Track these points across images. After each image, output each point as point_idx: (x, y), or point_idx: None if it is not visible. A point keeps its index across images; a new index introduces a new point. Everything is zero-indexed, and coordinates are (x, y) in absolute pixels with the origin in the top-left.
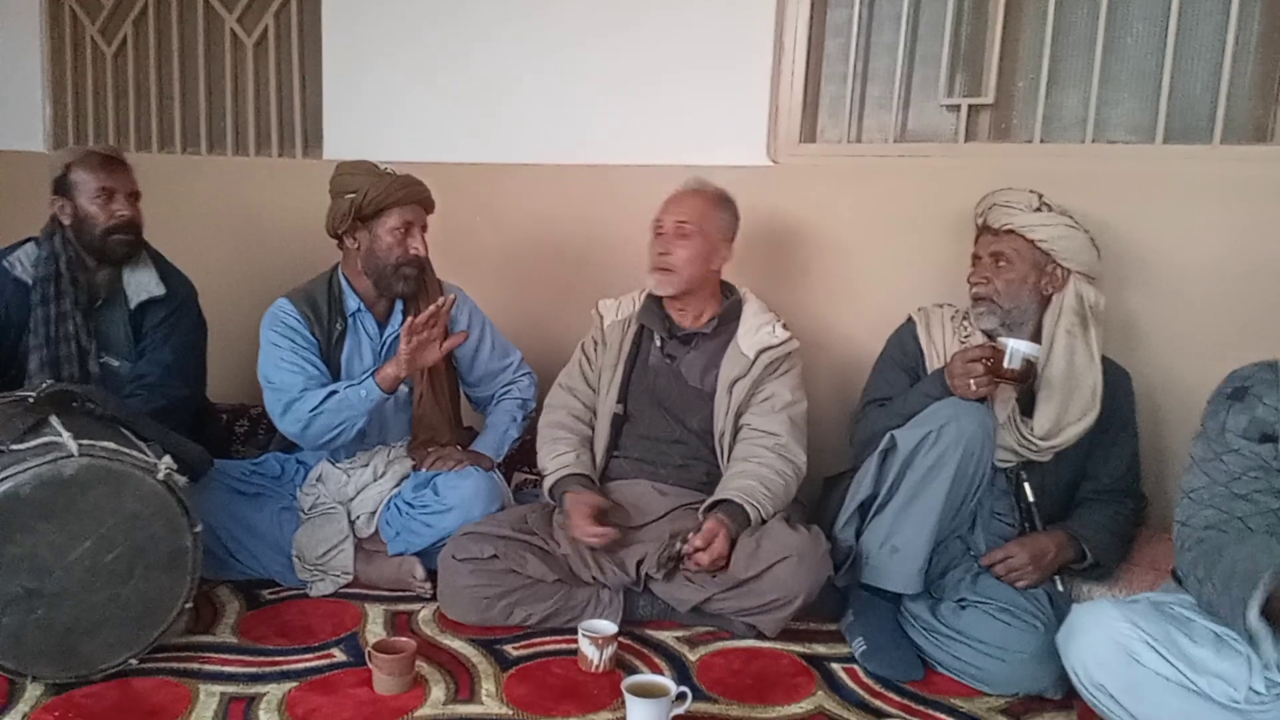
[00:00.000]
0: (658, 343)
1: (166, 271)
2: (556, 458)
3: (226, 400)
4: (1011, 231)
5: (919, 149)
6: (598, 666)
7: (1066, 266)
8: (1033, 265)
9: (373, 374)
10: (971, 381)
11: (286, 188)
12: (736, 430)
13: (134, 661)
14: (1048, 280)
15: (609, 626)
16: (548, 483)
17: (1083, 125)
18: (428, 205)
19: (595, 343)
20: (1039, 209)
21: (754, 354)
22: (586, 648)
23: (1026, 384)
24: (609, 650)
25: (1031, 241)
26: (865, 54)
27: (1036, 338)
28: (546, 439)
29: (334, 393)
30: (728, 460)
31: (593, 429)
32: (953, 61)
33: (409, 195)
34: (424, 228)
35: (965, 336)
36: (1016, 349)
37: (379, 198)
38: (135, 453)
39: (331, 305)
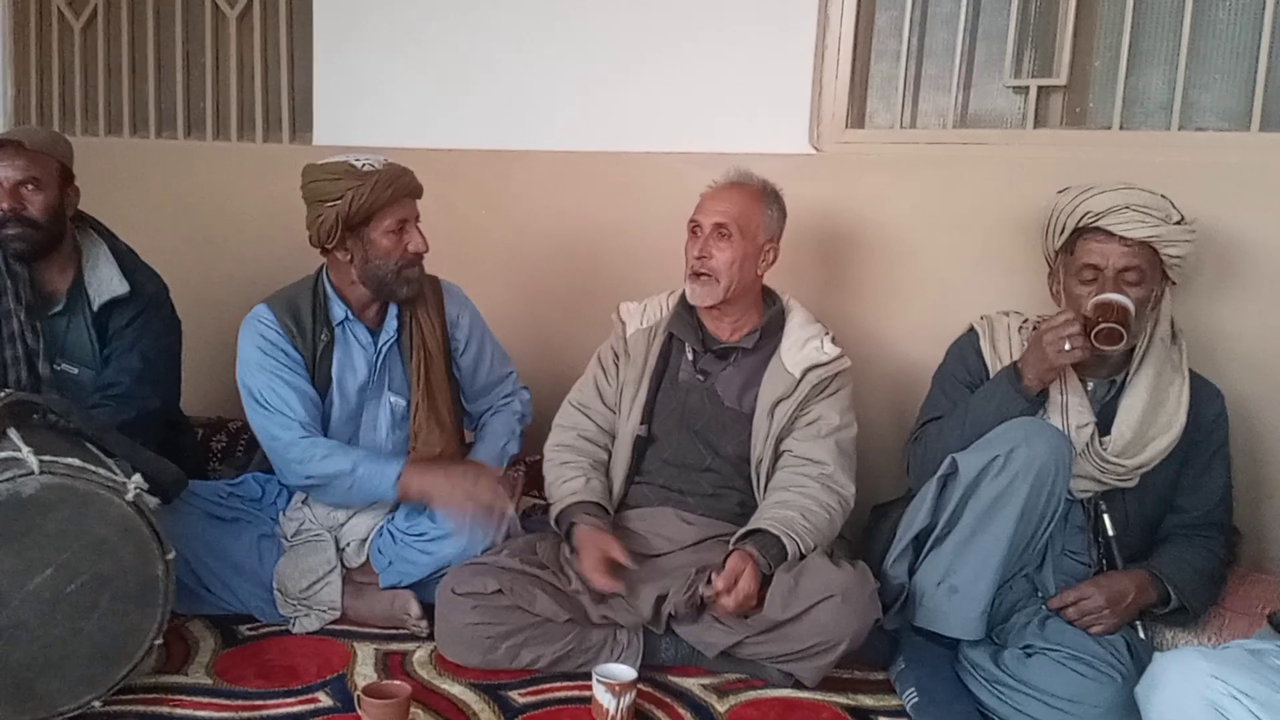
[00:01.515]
0: (689, 356)
1: (132, 268)
2: (564, 484)
3: (202, 413)
4: (1146, 244)
5: (981, 136)
6: (614, 716)
7: (1174, 279)
8: (1157, 280)
9: (398, 477)
10: (1066, 342)
11: (271, 177)
12: (777, 457)
13: (97, 704)
14: (1158, 295)
15: (627, 672)
16: (554, 511)
17: (1168, 110)
18: (418, 194)
19: (616, 354)
20: (1179, 220)
21: (800, 372)
22: (602, 695)
23: (1124, 345)
24: (627, 698)
25: (1158, 253)
26: (921, 28)
27: (1128, 355)
28: (553, 463)
29: (350, 470)
30: (764, 490)
31: (608, 452)
32: (1020, 37)
33: (398, 191)
34: (418, 219)
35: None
36: (1109, 296)
37: (367, 203)
38: (102, 471)
39: (316, 314)
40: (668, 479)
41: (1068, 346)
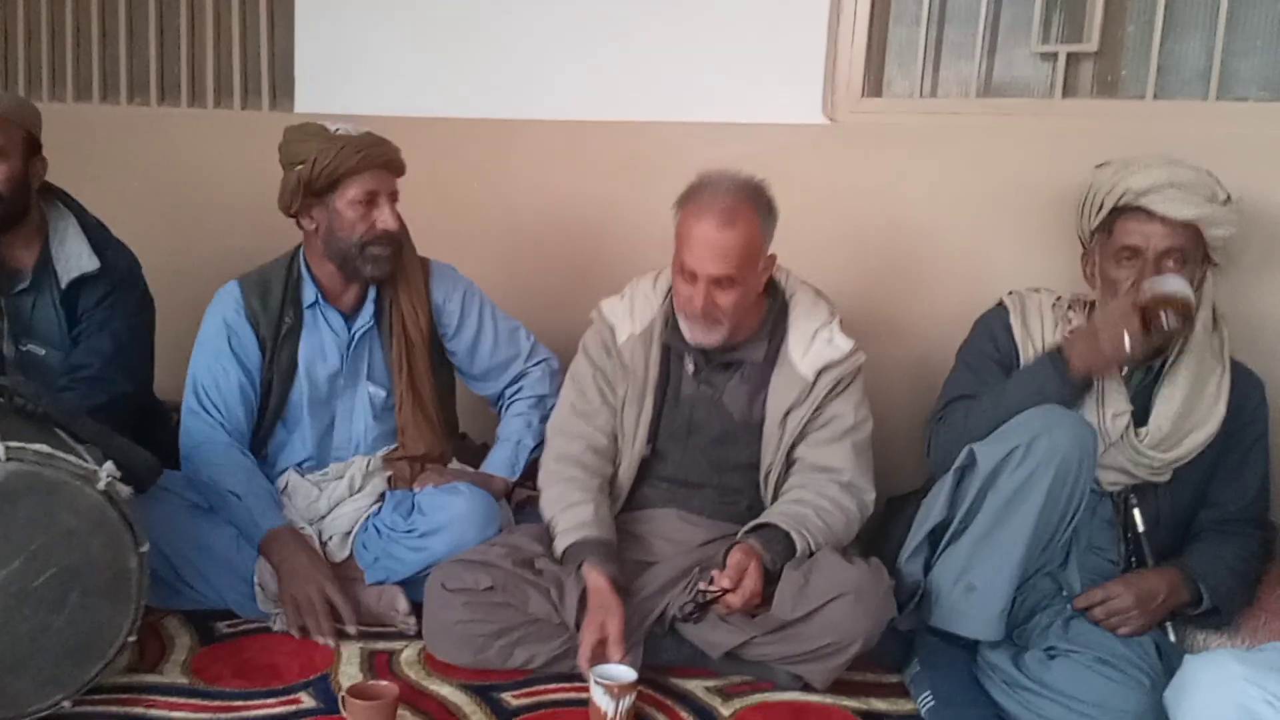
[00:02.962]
0: (690, 368)
1: (102, 243)
2: (570, 509)
3: (177, 398)
4: (1189, 224)
5: (1007, 106)
6: (613, 719)
7: (1216, 261)
8: (1198, 263)
9: (268, 530)
10: (1126, 338)
11: (250, 146)
12: (790, 463)
13: (67, 704)
14: (1200, 278)
15: (627, 673)
16: (560, 544)
17: (1206, 79)
18: (395, 169)
19: (608, 350)
20: (1226, 200)
21: (813, 374)
22: (600, 697)
23: (1182, 334)
24: (626, 701)
25: (1201, 234)
26: None
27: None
28: (556, 477)
29: (235, 494)
30: (774, 496)
31: (614, 464)
32: (1049, 0)
33: (368, 159)
34: (393, 196)
35: (1071, 330)
36: (1170, 289)
37: (331, 166)
38: (72, 458)
39: (286, 295)
40: (672, 489)
41: (1128, 344)
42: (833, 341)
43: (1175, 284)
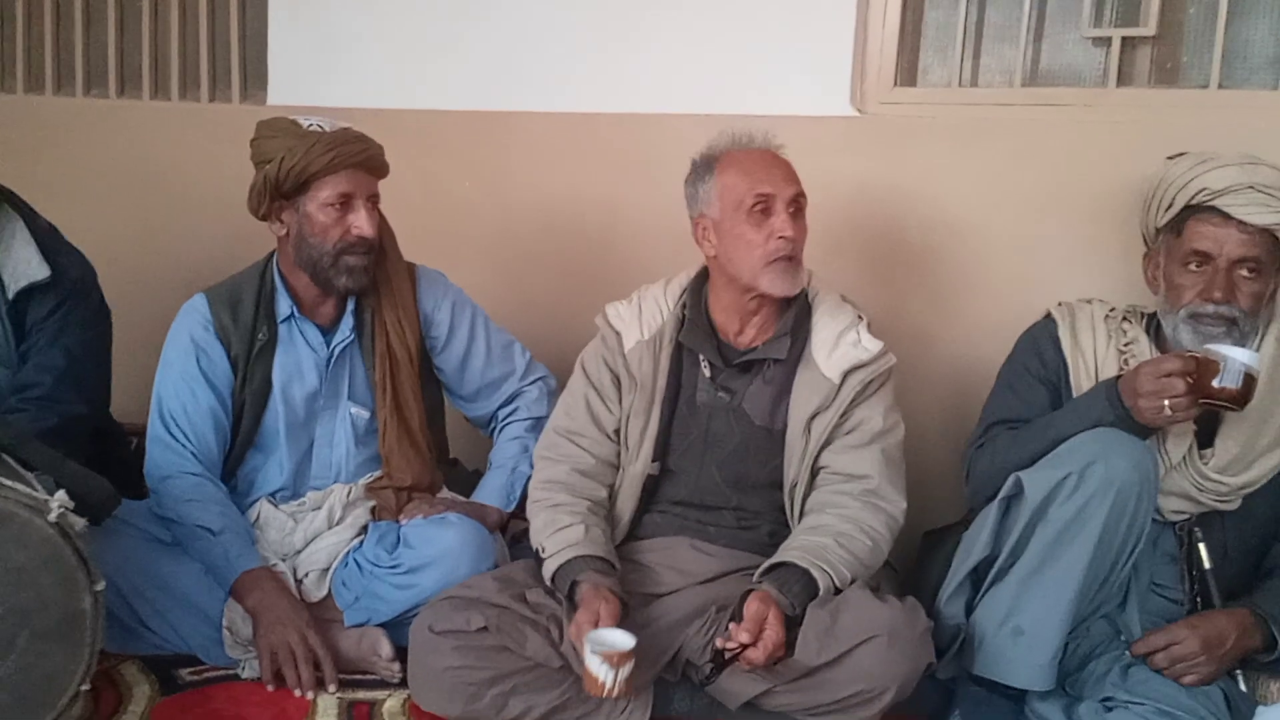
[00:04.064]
0: (706, 371)
1: (54, 249)
2: (558, 532)
3: (137, 420)
4: (1267, 231)
5: (1054, 95)
6: (610, 690)
7: None
8: (1274, 272)
9: (244, 571)
10: (1166, 403)
11: (220, 142)
12: (814, 475)
13: None
14: (1275, 288)
15: (625, 638)
16: (549, 567)
17: (1276, 66)
18: (374, 169)
19: (615, 375)
20: None
21: (839, 376)
22: (596, 667)
23: (1242, 408)
24: (625, 670)
25: (1279, 241)
26: None
27: None
28: (543, 504)
29: (210, 530)
30: (799, 517)
31: (608, 489)
32: None
33: (342, 158)
34: (372, 199)
35: (1126, 344)
36: (1234, 359)
37: (300, 166)
38: (20, 487)
39: (259, 308)
40: (684, 514)
41: (1169, 410)
42: (860, 343)
43: (1238, 352)
